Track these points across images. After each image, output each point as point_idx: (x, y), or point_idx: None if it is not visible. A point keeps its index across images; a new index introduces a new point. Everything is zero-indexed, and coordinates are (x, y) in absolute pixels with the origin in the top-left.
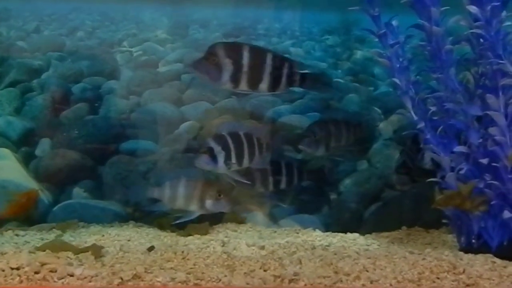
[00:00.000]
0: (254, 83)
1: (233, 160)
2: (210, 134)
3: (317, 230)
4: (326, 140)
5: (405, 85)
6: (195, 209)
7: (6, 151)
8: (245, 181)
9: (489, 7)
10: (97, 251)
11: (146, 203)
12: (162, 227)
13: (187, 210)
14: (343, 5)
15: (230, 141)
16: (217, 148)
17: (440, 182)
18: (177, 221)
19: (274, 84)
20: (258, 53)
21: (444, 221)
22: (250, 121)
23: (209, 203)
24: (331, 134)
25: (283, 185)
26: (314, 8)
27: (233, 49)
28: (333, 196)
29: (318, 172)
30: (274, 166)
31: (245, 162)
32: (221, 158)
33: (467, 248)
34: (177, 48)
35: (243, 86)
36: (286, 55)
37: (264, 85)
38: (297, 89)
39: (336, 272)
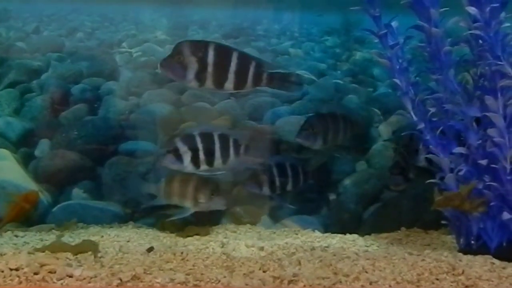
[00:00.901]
0: (219, 82)
1: (201, 160)
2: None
3: (316, 231)
4: (323, 134)
5: (405, 86)
6: (189, 206)
7: (5, 152)
8: (218, 173)
9: (488, 8)
10: (94, 247)
11: (143, 199)
12: (165, 229)
13: (182, 207)
14: (342, 6)
15: (199, 141)
16: (183, 148)
17: (439, 183)
18: (172, 218)
19: (240, 83)
20: (224, 52)
21: (443, 222)
22: (248, 123)
23: (202, 201)
24: (329, 128)
25: (289, 187)
26: (313, 9)
27: (199, 48)
28: (332, 197)
29: (319, 172)
30: (279, 168)
31: (217, 163)
32: (186, 158)
33: (466, 249)
34: None
35: (209, 84)
36: (253, 54)
37: (229, 84)
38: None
39: (335, 273)
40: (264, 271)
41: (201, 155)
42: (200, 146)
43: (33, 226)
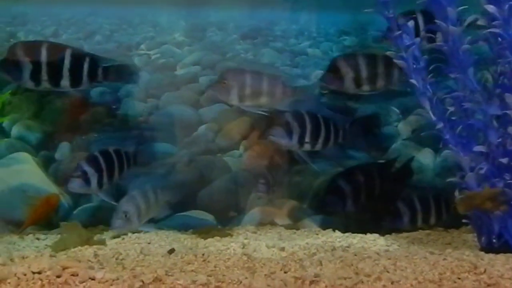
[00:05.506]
0: (55, 80)
1: (105, 179)
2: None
3: (336, 231)
4: (239, 88)
5: (422, 86)
6: None
7: (25, 155)
8: (110, 201)
9: (507, 6)
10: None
11: None
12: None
13: None
14: (358, 6)
15: (102, 161)
16: (91, 171)
17: (460, 183)
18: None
19: (76, 80)
20: (56, 50)
21: (464, 220)
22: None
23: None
24: (246, 84)
25: None
26: (330, 9)
27: (31, 48)
28: None
29: None
30: None
31: (115, 179)
32: (94, 180)
33: (488, 248)
34: (195, 50)
35: (44, 84)
36: (87, 51)
37: (65, 82)
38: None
39: (356, 273)
40: (285, 272)
41: (105, 176)
42: (104, 166)
43: (54, 229)
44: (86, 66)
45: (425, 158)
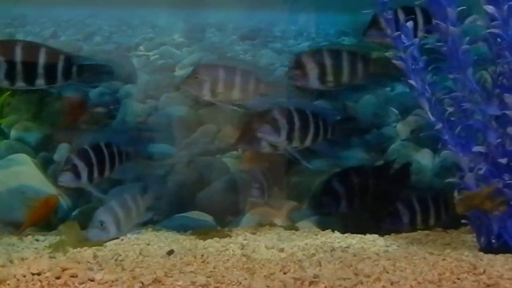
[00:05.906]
0: (30, 79)
1: (95, 174)
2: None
3: (335, 231)
4: (211, 84)
5: (421, 87)
6: None
7: (24, 157)
8: (101, 195)
9: (506, 7)
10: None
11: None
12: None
13: None
14: (357, 7)
15: (92, 154)
16: (81, 165)
17: (458, 183)
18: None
19: (51, 78)
20: (31, 49)
21: (463, 221)
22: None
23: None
24: (219, 79)
25: None
26: (329, 10)
27: (5, 47)
28: None
29: None
30: None
31: (106, 174)
32: (84, 174)
33: (487, 248)
34: (194, 51)
35: (19, 82)
36: (63, 49)
37: (40, 80)
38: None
39: (356, 274)
40: (284, 273)
41: (95, 169)
42: (94, 160)
43: (53, 230)
44: (60, 64)
45: (424, 158)
